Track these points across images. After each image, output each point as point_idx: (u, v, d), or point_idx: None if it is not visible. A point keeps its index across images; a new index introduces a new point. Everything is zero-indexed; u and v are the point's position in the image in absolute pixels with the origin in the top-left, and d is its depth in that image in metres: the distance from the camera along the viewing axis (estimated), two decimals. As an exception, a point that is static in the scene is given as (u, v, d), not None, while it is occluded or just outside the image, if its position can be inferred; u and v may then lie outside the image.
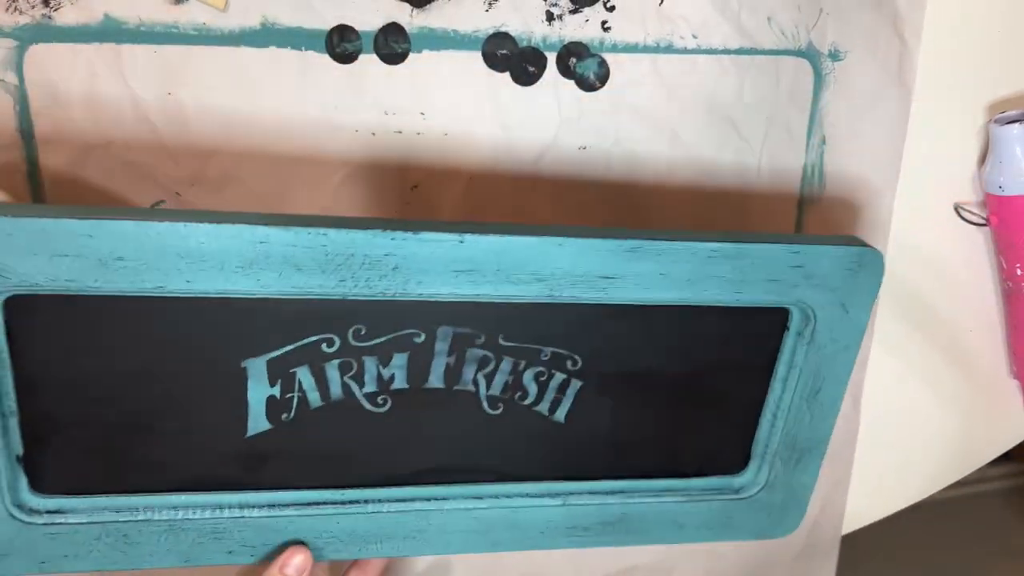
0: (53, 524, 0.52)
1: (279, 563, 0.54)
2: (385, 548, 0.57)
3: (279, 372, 0.51)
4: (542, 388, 0.56)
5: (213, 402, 0.52)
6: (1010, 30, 0.63)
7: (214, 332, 0.50)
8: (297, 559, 0.54)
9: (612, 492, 0.59)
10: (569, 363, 0.55)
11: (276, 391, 0.52)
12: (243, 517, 0.54)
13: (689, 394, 0.58)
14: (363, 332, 0.51)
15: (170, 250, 0.46)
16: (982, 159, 0.65)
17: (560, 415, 0.57)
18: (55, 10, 0.56)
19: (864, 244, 0.54)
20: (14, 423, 0.50)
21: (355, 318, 0.51)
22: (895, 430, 0.71)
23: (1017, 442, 0.75)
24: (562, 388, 0.56)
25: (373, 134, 0.60)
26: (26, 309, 0.48)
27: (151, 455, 0.52)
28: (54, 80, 0.57)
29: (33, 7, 0.56)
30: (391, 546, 0.57)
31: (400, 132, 0.60)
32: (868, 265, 0.54)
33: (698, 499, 0.60)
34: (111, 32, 0.57)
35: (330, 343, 0.51)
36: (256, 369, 0.51)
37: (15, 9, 0.56)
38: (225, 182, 0.60)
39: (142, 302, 0.48)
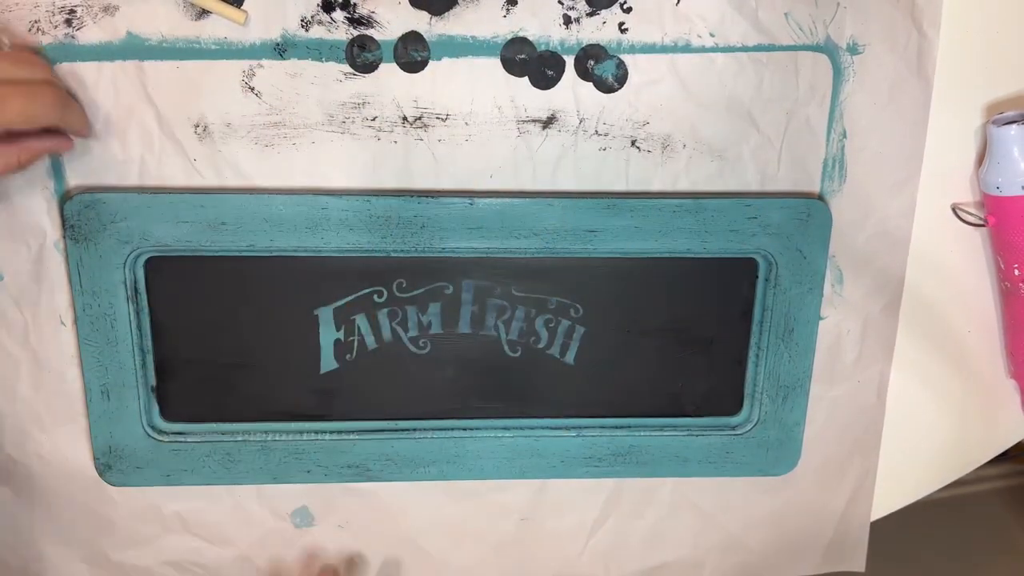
0: (176, 443, 0.65)
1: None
2: (431, 471, 0.68)
3: (342, 319, 0.64)
4: (552, 333, 0.66)
5: (294, 345, 0.65)
6: (1008, 31, 0.63)
7: (293, 287, 0.63)
8: None
9: (621, 427, 0.69)
10: (572, 311, 0.66)
11: (341, 335, 0.65)
12: (317, 440, 0.66)
13: (681, 340, 0.67)
14: (404, 285, 0.64)
15: (258, 215, 0.60)
16: (980, 160, 0.65)
17: (570, 358, 0.67)
18: (78, 29, 0.57)
19: (811, 196, 0.64)
20: (150, 359, 0.64)
21: (397, 274, 0.63)
22: (893, 430, 0.71)
23: (1015, 442, 0.74)
24: (569, 333, 0.66)
25: (395, 142, 0.61)
26: (158, 268, 0.62)
27: (248, 389, 0.65)
28: (79, 98, 0.58)
29: (56, 27, 0.57)
30: (436, 469, 0.68)
31: (421, 140, 0.61)
32: (816, 215, 0.63)
33: (698, 435, 0.69)
34: (134, 49, 0.57)
35: (380, 294, 0.64)
36: (325, 316, 0.64)
37: (38, 29, 0.57)
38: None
39: (240, 261, 0.62)
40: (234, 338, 0.64)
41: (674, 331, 0.67)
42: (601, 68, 0.60)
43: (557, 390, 0.68)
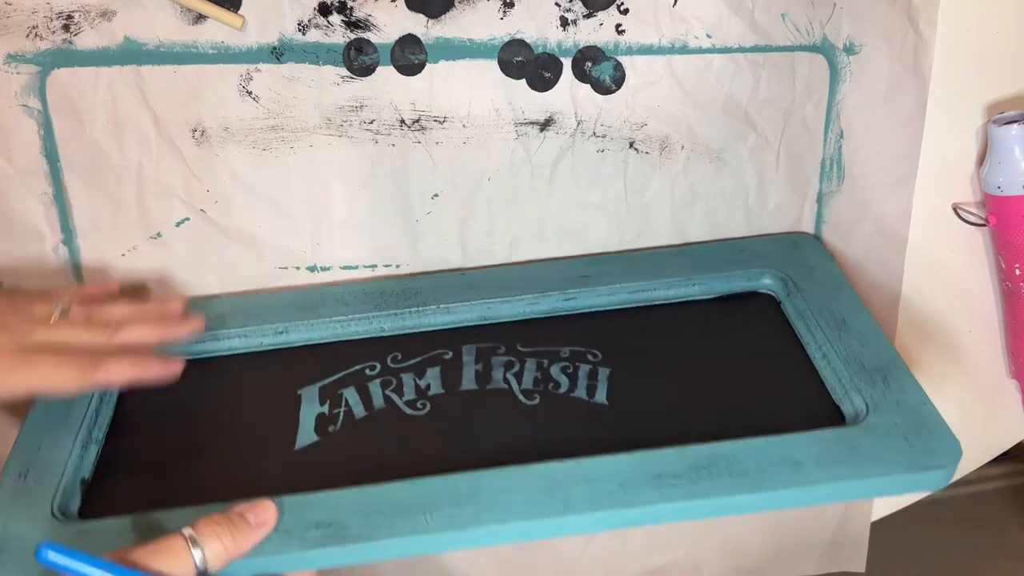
0: (83, 522, 0.49)
1: (243, 508, 0.46)
2: (435, 519, 0.47)
3: (328, 394, 0.57)
4: (572, 378, 0.57)
5: (268, 426, 0.56)
6: (1009, 31, 0.63)
7: (278, 374, 0.59)
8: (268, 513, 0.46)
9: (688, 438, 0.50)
10: (590, 356, 0.58)
11: (325, 409, 0.56)
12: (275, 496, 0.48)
13: (731, 378, 0.56)
14: (399, 357, 0.59)
15: (256, 304, 0.63)
16: (981, 159, 0.65)
17: (600, 397, 0.55)
18: (76, 34, 0.57)
19: (797, 233, 0.66)
20: (93, 451, 0.54)
21: (392, 348, 0.60)
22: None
23: (1015, 442, 0.74)
24: (592, 375, 0.57)
25: (393, 145, 0.61)
26: None
27: (203, 481, 0.52)
28: (77, 103, 0.58)
29: (54, 32, 0.57)
30: (442, 515, 0.47)
31: (419, 142, 0.61)
32: (804, 243, 0.65)
33: (805, 430, 0.50)
34: (131, 54, 0.57)
35: (372, 368, 0.59)
36: (309, 394, 0.57)
37: (36, 35, 0.57)
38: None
39: (227, 359, 0.60)
40: (202, 437, 0.56)
41: (721, 372, 0.57)
42: (598, 70, 0.60)
43: (592, 431, 0.53)
